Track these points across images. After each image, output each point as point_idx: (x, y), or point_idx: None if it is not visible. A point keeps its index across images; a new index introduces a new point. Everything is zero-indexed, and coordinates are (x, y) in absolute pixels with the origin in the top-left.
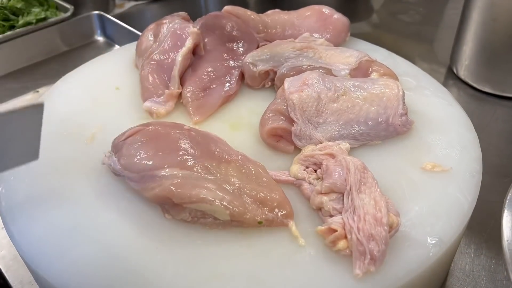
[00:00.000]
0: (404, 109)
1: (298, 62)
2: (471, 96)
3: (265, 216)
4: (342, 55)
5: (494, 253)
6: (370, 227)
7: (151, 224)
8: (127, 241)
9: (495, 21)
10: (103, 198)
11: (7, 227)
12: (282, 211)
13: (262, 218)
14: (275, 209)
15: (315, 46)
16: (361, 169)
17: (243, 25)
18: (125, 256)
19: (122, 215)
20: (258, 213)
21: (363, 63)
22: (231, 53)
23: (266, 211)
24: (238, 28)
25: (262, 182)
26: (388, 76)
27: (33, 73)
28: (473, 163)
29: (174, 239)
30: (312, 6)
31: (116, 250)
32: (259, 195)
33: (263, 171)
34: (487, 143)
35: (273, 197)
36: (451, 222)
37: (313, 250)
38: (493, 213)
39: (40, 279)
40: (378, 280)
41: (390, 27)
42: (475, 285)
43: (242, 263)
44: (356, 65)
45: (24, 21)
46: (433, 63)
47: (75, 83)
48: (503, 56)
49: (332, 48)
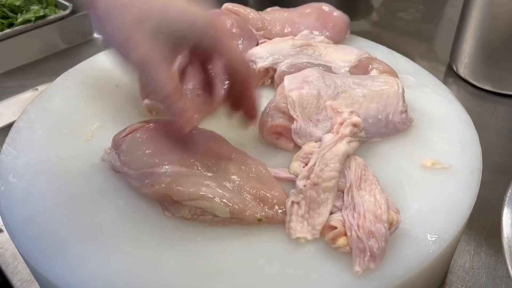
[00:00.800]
0: (404, 106)
1: (298, 60)
2: (471, 94)
3: (265, 213)
4: (342, 52)
5: (494, 251)
6: (370, 224)
7: (151, 221)
8: (127, 238)
9: (495, 19)
10: (103, 195)
11: (6, 224)
12: (282, 208)
13: (262, 215)
14: (275, 206)
15: (315, 44)
16: (362, 166)
17: (243, 23)
18: (124, 253)
19: (121, 213)
20: (258, 210)
21: (363, 61)
22: None
23: (266, 208)
24: (238, 26)
25: (262, 179)
26: (388, 73)
27: (32, 71)
28: (473, 160)
29: (174, 236)
30: (312, 4)
31: (115, 247)
32: (259, 192)
33: (263, 169)
34: (487, 141)
35: (273, 194)
36: (451, 219)
37: (313, 247)
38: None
39: (39, 277)
40: (378, 277)
41: (390, 25)
42: (475, 282)
43: (242, 260)
44: (356, 62)
45: (23, 18)
46: (433, 61)
47: (74, 81)
48: (503, 54)
49: (332, 46)
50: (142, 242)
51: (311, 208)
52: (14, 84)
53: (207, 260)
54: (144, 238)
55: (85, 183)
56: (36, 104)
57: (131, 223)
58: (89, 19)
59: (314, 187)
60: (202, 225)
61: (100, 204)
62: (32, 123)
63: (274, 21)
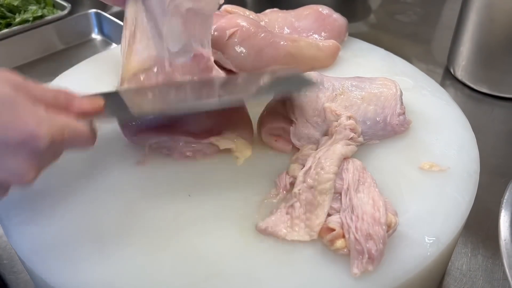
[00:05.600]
0: (402, 108)
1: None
2: (468, 96)
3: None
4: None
5: (491, 253)
6: (368, 226)
7: (149, 223)
8: (124, 240)
9: (493, 22)
10: (100, 196)
11: (3, 225)
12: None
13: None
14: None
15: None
16: (359, 168)
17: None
18: (122, 254)
19: (120, 214)
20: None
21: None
22: None
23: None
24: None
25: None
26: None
27: (30, 71)
28: (471, 163)
29: (171, 238)
30: (310, 6)
31: (113, 249)
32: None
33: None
34: (484, 144)
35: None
36: (448, 221)
37: (311, 249)
38: (490, 213)
39: (36, 278)
40: (376, 280)
41: (388, 27)
42: (472, 285)
43: (239, 262)
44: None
45: (21, 19)
46: (430, 63)
47: (72, 81)
48: (500, 56)
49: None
50: (140, 244)
51: (307, 210)
52: None
53: (205, 262)
54: (142, 239)
55: (83, 184)
56: None
57: (129, 225)
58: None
59: (310, 190)
60: (200, 227)
61: (98, 206)
62: None
63: (272, 23)
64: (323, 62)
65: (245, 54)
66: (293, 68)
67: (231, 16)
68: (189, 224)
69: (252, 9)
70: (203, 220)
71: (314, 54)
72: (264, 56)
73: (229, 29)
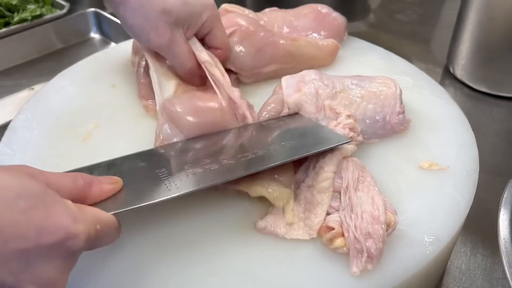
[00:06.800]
0: (401, 107)
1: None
2: (467, 95)
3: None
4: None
5: (490, 252)
6: (367, 225)
7: (148, 222)
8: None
9: (492, 21)
10: None
11: None
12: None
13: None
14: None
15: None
16: (359, 167)
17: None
18: (121, 254)
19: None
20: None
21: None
22: None
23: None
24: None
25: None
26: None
27: (28, 70)
28: (470, 162)
29: (171, 237)
30: (310, 5)
31: (111, 249)
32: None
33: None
34: (483, 143)
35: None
36: (448, 220)
37: (311, 248)
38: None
39: None
40: (375, 278)
41: (387, 27)
42: (471, 284)
43: (239, 261)
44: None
45: (19, 18)
46: (430, 62)
47: (70, 80)
48: (499, 55)
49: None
50: (138, 244)
51: (306, 209)
52: (10, 84)
53: (204, 261)
54: (141, 239)
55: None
56: (33, 104)
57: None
58: (86, 18)
59: (309, 189)
60: (200, 226)
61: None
62: (29, 122)
63: (271, 22)
64: (323, 61)
65: (244, 53)
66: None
67: (230, 15)
68: (188, 223)
69: (251, 8)
70: (202, 218)
71: (314, 53)
72: (263, 55)
73: (229, 28)
